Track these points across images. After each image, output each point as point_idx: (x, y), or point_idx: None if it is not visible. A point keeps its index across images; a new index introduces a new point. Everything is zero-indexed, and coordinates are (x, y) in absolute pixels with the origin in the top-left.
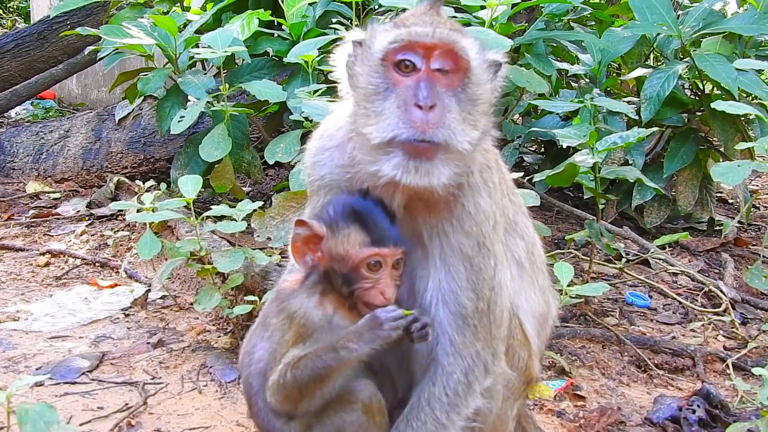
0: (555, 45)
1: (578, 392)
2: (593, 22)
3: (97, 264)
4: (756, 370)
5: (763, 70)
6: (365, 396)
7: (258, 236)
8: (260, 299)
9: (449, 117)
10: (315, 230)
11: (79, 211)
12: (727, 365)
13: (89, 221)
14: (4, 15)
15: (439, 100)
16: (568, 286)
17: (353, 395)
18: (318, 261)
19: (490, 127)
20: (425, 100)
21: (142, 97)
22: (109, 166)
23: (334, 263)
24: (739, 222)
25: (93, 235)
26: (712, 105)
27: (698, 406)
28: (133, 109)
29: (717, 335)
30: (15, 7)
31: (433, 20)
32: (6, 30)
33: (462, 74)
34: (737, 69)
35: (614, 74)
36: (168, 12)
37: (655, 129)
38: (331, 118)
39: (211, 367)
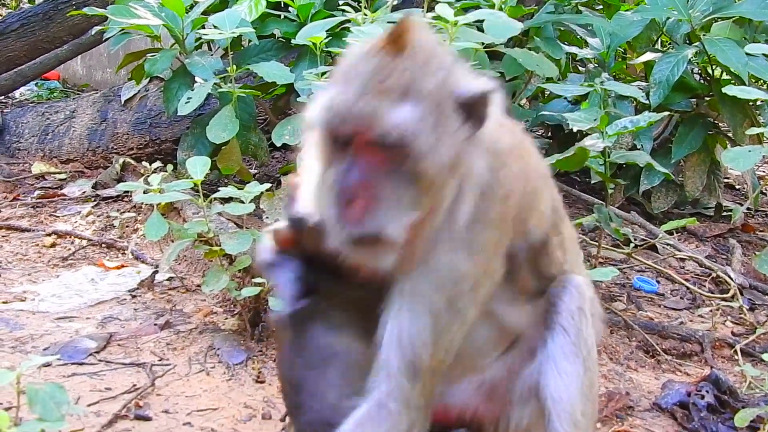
0: (564, 29)
1: None
2: (601, 6)
3: (103, 245)
4: (766, 356)
5: None
6: None
7: (267, 218)
8: (268, 282)
9: (382, 204)
10: None
11: (84, 192)
12: (736, 351)
13: (95, 202)
14: None
15: (368, 186)
16: None
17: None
18: None
19: (447, 197)
20: (349, 193)
21: (149, 78)
22: (115, 147)
23: None
24: (747, 208)
25: (99, 216)
26: (723, 90)
27: (707, 391)
28: (139, 90)
29: (725, 321)
30: None
31: (368, 81)
32: (11, 10)
33: (399, 149)
34: (747, 54)
35: (622, 59)
36: None
37: (665, 114)
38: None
39: (218, 349)
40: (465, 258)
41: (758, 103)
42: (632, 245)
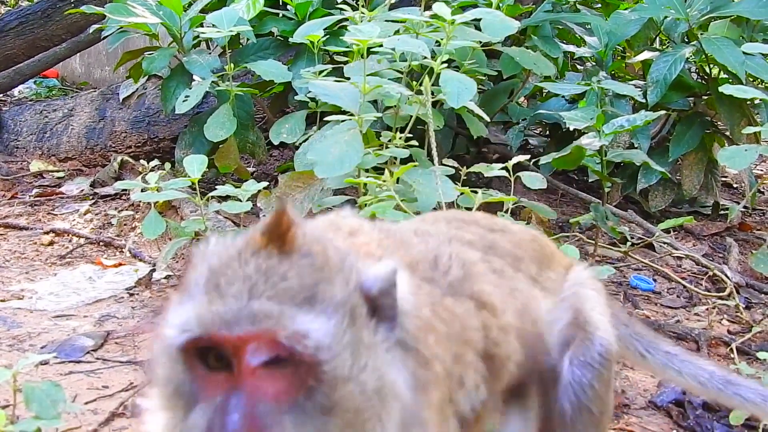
0: (561, 27)
1: None
2: (599, 5)
3: (101, 243)
4: (761, 354)
5: None
6: None
7: (264, 216)
8: None
9: None
10: None
11: (83, 190)
12: (731, 349)
13: (93, 200)
14: None
15: (258, 426)
16: None
17: None
18: None
19: None
20: (236, 425)
21: (147, 77)
22: (113, 145)
23: None
24: (744, 206)
25: (97, 214)
26: (720, 89)
27: None
28: (137, 89)
29: (721, 319)
30: None
31: (253, 285)
32: (9, 8)
33: (305, 371)
34: (745, 53)
35: (619, 57)
36: None
37: (662, 112)
38: None
39: None
40: None
41: (756, 101)
42: (629, 243)
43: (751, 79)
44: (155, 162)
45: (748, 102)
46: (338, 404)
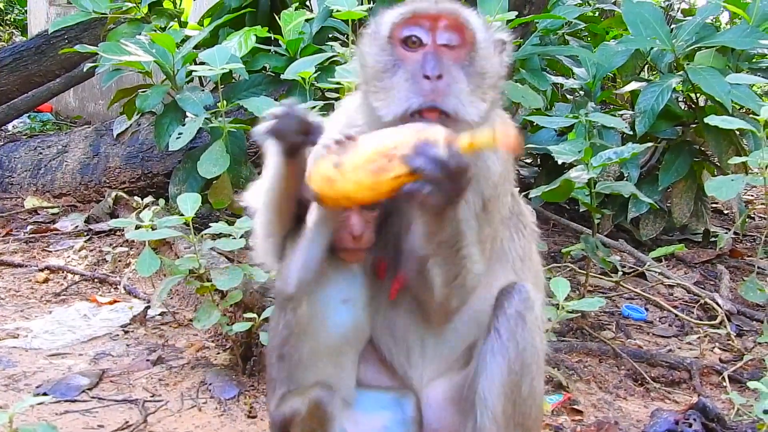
0: (550, 58)
1: (575, 407)
2: (587, 34)
3: (96, 280)
4: (752, 384)
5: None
6: (314, 397)
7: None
8: (259, 316)
9: (457, 88)
10: None
11: (77, 226)
12: (724, 378)
13: (88, 236)
14: (2, 28)
15: (447, 71)
16: (565, 300)
17: (307, 392)
18: None
19: (498, 101)
20: (432, 70)
21: (140, 113)
22: (107, 181)
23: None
24: (735, 233)
25: (92, 250)
26: (705, 120)
27: (694, 419)
28: (131, 125)
29: (713, 348)
30: (12, 20)
31: None
32: (4, 43)
33: (468, 47)
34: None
35: (610, 86)
36: (166, 27)
37: (649, 144)
38: (345, 108)
39: (210, 384)
40: (496, 165)
41: (744, 129)
42: (620, 273)
43: (738, 107)
44: (149, 198)
45: (736, 130)
46: (486, 70)
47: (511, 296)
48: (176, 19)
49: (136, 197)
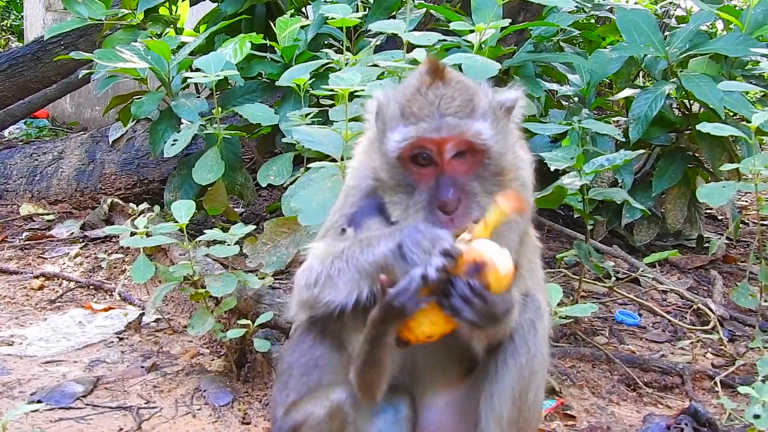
0: (545, 64)
1: (568, 412)
2: (582, 40)
3: (91, 287)
4: (742, 389)
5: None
6: (336, 399)
7: (250, 262)
8: (253, 322)
9: (475, 201)
10: None
11: (72, 233)
12: (716, 383)
13: (83, 243)
14: None
15: (462, 191)
16: (558, 306)
17: (327, 394)
18: None
19: (519, 190)
20: (450, 201)
21: (136, 119)
22: (103, 187)
23: None
24: (728, 238)
25: (87, 257)
26: (698, 127)
27: (686, 424)
28: (126, 131)
29: (705, 353)
30: (8, 25)
31: (439, 106)
32: (0, 49)
33: (480, 155)
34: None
35: (606, 92)
36: (161, 34)
37: (641, 151)
38: (356, 163)
39: (204, 390)
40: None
41: (737, 136)
42: (614, 279)
43: (732, 114)
44: (145, 205)
45: (729, 137)
46: (502, 167)
47: (525, 305)
48: (172, 26)
49: (131, 204)
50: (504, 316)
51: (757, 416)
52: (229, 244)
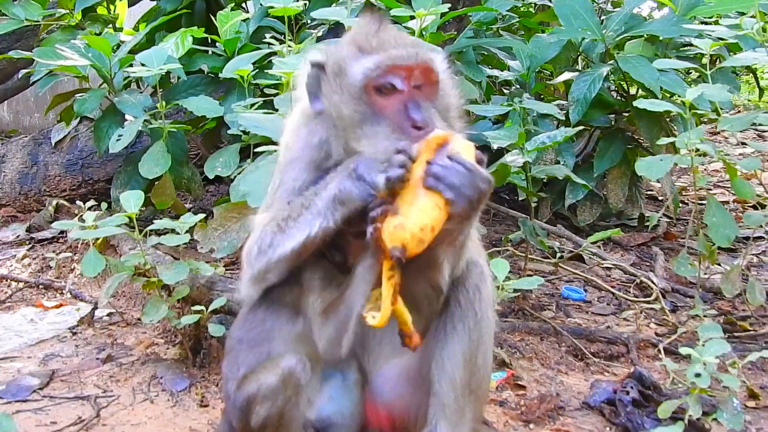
0: (486, 53)
1: (519, 382)
2: (522, 31)
3: (40, 286)
4: (683, 350)
5: (682, 69)
6: (287, 365)
7: (201, 248)
8: (207, 309)
9: (435, 125)
10: None
11: (18, 235)
12: (659, 350)
13: (30, 245)
14: None
15: (428, 113)
16: (505, 281)
17: (278, 362)
18: None
19: (464, 129)
20: (423, 121)
21: (78, 119)
22: (48, 189)
23: None
24: (669, 217)
25: (35, 258)
26: (635, 103)
27: (632, 387)
28: (69, 132)
29: (649, 323)
30: None
31: (402, 38)
32: None
33: (435, 86)
34: (659, 69)
35: (546, 79)
36: (101, 33)
37: (581, 128)
38: (291, 137)
39: (161, 377)
40: None
41: (673, 114)
42: (559, 256)
43: (668, 95)
44: (91, 202)
45: (666, 117)
46: (452, 104)
47: (469, 270)
48: (111, 25)
49: (78, 203)
50: (487, 186)
51: (698, 374)
52: (179, 233)
